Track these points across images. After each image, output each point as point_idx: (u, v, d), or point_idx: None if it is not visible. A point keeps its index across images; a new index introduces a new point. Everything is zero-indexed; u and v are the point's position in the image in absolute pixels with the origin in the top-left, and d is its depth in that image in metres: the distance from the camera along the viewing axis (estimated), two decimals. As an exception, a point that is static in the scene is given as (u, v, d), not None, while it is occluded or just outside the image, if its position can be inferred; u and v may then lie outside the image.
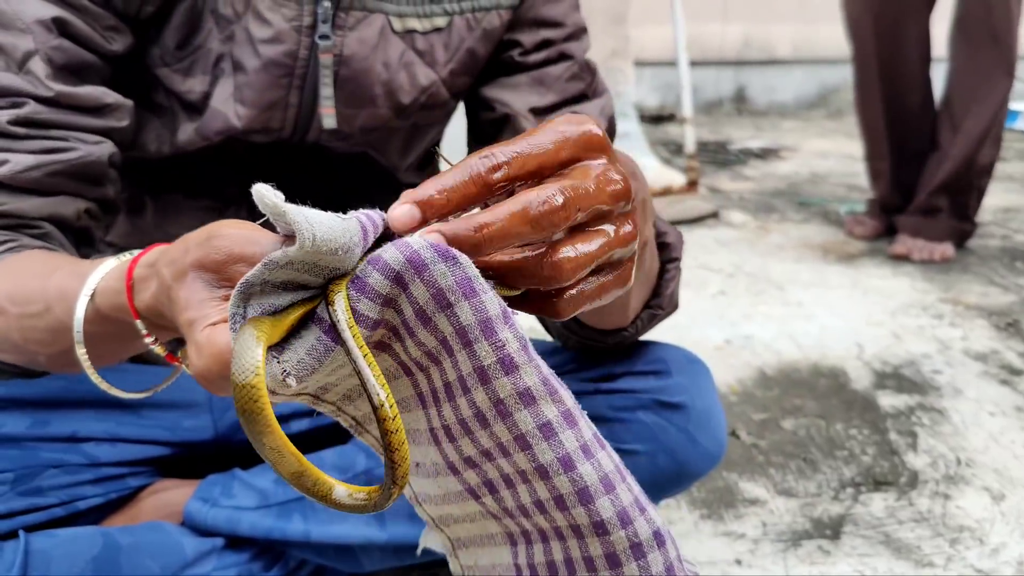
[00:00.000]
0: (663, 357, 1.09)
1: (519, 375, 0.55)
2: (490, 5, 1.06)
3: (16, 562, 0.88)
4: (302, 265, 0.51)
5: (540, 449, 0.56)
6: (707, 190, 3.83)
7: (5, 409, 1.02)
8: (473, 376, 0.55)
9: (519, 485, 0.60)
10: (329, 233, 0.50)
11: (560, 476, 0.57)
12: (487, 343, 0.54)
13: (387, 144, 1.12)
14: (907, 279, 2.71)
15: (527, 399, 0.56)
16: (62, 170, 0.87)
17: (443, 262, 0.52)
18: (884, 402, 1.88)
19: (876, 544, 1.38)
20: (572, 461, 0.57)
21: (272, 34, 0.96)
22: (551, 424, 0.56)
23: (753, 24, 6.16)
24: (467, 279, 0.52)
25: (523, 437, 0.56)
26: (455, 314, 0.53)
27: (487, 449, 0.59)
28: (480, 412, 0.56)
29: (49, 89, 0.86)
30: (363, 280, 0.52)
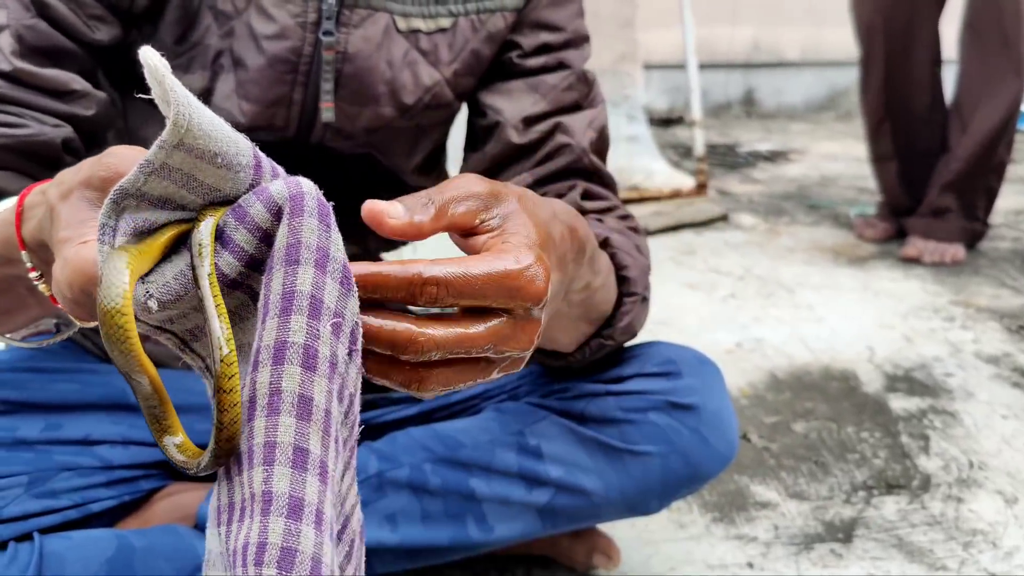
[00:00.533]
0: (674, 358, 1.09)
1: (313, 379, 0.48)
2: (495, 7, 1.06)
3: (31, 563, 0.88)
4: (179, 175, 0.48)
5: (280, 473, 0.47)
6: (716, 193, 3.82)
7: (19, 412, 1.02)
8: (268, 349, 0.48)
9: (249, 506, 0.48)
10: (211, 129, 0.47)
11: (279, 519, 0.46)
12: (304, 320, 0.48)
13: (391, 145, 1.12)
14: (918, 281, 2.71)
15: (303, 410, 0.48)
16: (10, 144, 0.87)
17: (319, 219, 0.49)
18: (895, 405, 1.87)
19: (889, 547, 1.37)
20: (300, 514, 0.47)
21: (276, 30, 0.96)
22: (307, 454, 0.48)
23: (762, 27, 6.16)
24: (326, 249, 0.49)
25: (272, 446, 0.47)
26: (294, 272, 0.48)
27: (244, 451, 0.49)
28: (253, 397, 0.48)
29: (11, 65, 0.86)
30: (244, 209, 0.50)
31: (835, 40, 5.99)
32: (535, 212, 0.63)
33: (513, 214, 0.61)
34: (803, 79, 6.43)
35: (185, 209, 0.50)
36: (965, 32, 2.93)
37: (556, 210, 0.69)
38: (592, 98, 1.11)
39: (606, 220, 1.04)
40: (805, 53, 6.29)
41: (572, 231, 0.70)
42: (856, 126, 5.58)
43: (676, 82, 5.68)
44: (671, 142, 5.08)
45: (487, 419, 1.10)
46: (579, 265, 0.74)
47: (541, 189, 1.07)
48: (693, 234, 3.23)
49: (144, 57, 0.47)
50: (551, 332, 0.92)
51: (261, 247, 0.50)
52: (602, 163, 1.10)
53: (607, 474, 1.05)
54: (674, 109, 5.95)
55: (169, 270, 0.49)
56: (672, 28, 4.04)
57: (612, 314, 0.96)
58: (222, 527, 0.50)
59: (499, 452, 1.06)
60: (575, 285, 0.76)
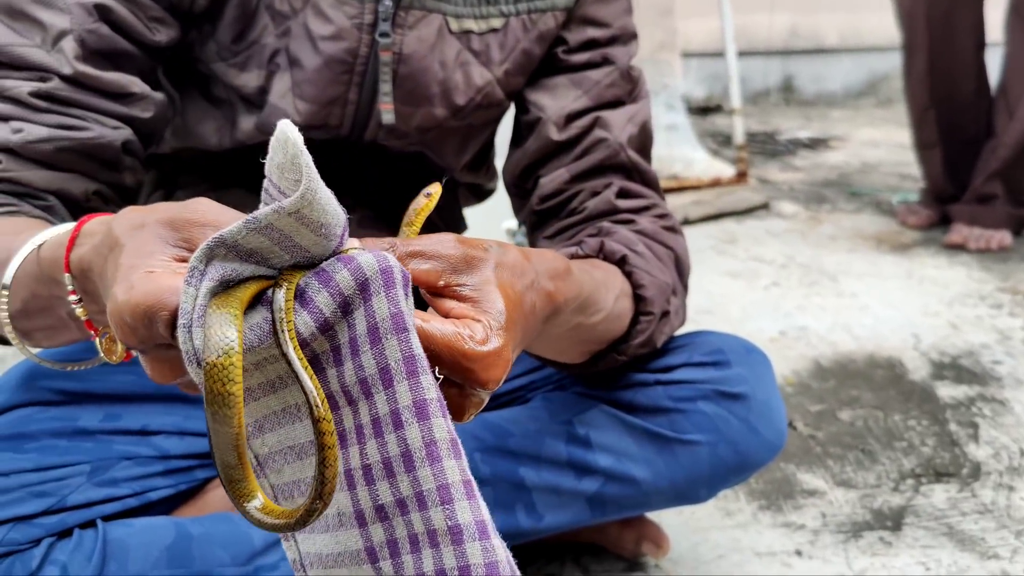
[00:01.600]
0: (722, 347, 1.09)
1: (450, 422, 0.54)
2: (546, 6, 1.06)
3: (96, 550, 0.90)
4: (279, 235, 0.49)
5: (460, 507, 0.54)
6: (756, 181, 3.80)
7: (79, 403, 1.04)
8: (411, 409, 0.53)
9: (424, 549, 0.56)
10: (326, 204, 0.49)
11: (475, 542, 0.54)
12: (432, 377, 0.53)
13: (443, 144, 1.13)
14: (963, 268, 2.67)
15: (456, 449, 0.54)
16: (73, 147, 0.89)
17: (405, 288, 0.53)
18: (943, 393, 1.86)
19: (939, 536, 1.36)
20: (487, 529, 0.54)
21: (333, 31, 0.97)
22: (472, 485, 0.54)
23: (800, 13, 6.09)
24: (412, 313, 0.53)
25: (447, 488, 0.53)
26: (407, 339, 0.52)
27: (403, 499, 0.55)
28: (408, 452, 0.54)
29: (72, 68, 0.88)
30: (329, 275, 0.52)
31: (875, 25, 5.91)
32: (511, 285, 0.63)
33: (486, 287, 0.61)
34: (842, 65, 6.36)
35: (268, 265, 0.51)
36: (1011, 15, 2.88)
37: (538, 272, 0.69)
38: (635, 94, 1.11)
39: (640, 221, 1.04)
40: (844, 39, 6.22)
41: (549, 296, 0.71)
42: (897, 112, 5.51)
43: (714, 70, 5.65)
44: (709, 131, 5.05)
45: (536, 408, 1.10)
46: (556, 322, 0.75)
47: (578, 185, 1.07)
48: (734, 223, 3.21)
49: (281, 128, 0.48)
50: (543, 353, 0.94)
51: (337, 312, 0.52)
52: (642, 159, 1.10)
53: (656, 463, 1.06)
54: (712, 97, 5.91)
55: (245, 324, 0.51)
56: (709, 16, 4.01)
57: (627, 331, 0.97)
58: (384, 562, 0.58)
59: (548, 441, 1.07)
60: (553, 331, 0.77)
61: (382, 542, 0.59)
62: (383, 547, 0.59)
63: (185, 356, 0.49)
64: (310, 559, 0.62)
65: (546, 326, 0.74)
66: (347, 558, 0.60)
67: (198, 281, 0.49)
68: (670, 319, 1.02)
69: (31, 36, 0.88)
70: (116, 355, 0.66)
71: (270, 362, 0.54)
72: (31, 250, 0.69)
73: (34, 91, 0.87)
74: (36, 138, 0.87)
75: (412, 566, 0.58)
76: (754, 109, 5.89)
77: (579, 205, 1.07)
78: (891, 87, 6.19)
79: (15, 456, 0.94)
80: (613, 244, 0.96)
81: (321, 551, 0.61)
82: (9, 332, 0.73)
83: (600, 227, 1.03)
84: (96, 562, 0.89)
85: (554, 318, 0.74)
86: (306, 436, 0.57)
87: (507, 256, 0.65)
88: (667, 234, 1.05)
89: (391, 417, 0.53)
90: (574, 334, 0.86)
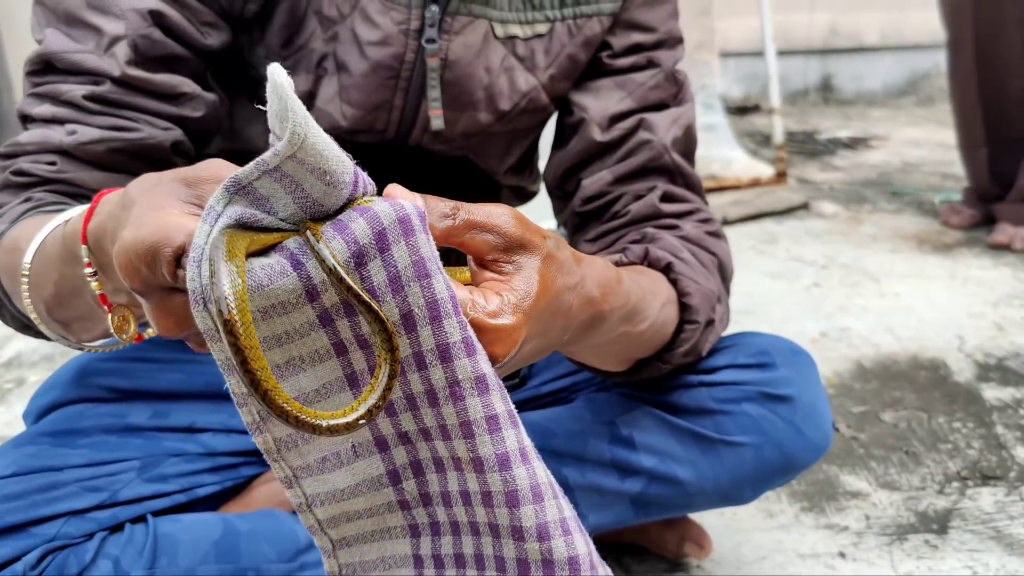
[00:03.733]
0: (767, 349, 1.08)
1: (477, 359, 0.55)
2: (592, 12, 1.06)
3: (147, 545, 0.92)
4: (289, 182, 0.49)
5: (482, 441, 0.56)
6: (796, 181, 3.77)
7: (128, 400, 1.06)
8: (434, 352, 0.54)
9: (450, 471, 0.59)
10: (323, 148, 0.49)
11: (494, 473, 0.56)
12: (455, 319, 0.54)
13: (487, 148, 1.13)
14: (1008, 269, 2.64)
15: (482, 386, 0.55)
16: (124, 148, 0.90)
17: (426, 233, 0.53)
18: (989, 395, 1.83)
19: (986, 539, 1.35)
20: (509, 461, 0.57)
21: (380, 37, 0.98)
22: (498, 418, 0.56)
23: (840, 12, 6.04)
24: (436, 256, 0.53)
25: (469, 424, 0.56)
26: (430, 285, 0.53)
27: (427, 428, 0.58)
28: (432, 390, 0.55)
29: (120, 70, 0.89)
30: (345, 224, 0.51)
31: (917, 23, 5.85)
32: (552, 278, 0.63)
33: (526, 270, 0.61)
34: (883, 64, 6.29)
35: (283, 218, 0.51)
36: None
37: (586, 277, 0.69)
38: (680, 97, 1.10)
39: (683, 225, 1.04)
40: (885, 37, 6.15)
41: (592, 302, 0.70)
42: (939, 111, 5.45)
43: (751, 70, 5.61)
44: (748, 130, 5.02)
45: (579, 408, 1.10)
46: (601, 330, 0.75)
47: (621, 188, 1.07)
48: (774, 223, 3.19)
49: (271, 73, 0.48)
50: (587, 360, 0.94)
51: (350, 262, 0.51)
52: (686, 162, 1.09)
53: (700, 464, 1.05)
54: (750, 97, 5.87)
55: (256, 262, 0.50)
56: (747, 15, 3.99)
57: (672, 339, 0.96)
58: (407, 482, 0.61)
59: (592, 441, 1.07)
60: (597, 339, 0.77)
61: (405, 464, 0.61)
62: (406, 468, 0.61)
63: (192, 295, 0.47)
64: (320, 498, 0.62)
65: (589, 333, 0.74)
66: (365, 486, 0.61)
67: (214, 220, 0.48)
68: (715, 327, 1.02)
69: (86, 42, 0.90)
70: (128, 334, 0.66)
71: (279, 313, 0.52)
72: (56, 226, 0.70)
73: (88, 94, 0.89)
74: (89, 139, 0.89)
75: (437, 483, 0.60)
76: (793, 109, 5.85)
77: (622, 208, 1.06)
78: (932, 86, 6.12)
79: (68, 451, 0.96)
80: (658, 251, 0.96)
81: (335, 487, 0.61)
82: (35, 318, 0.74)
83: (644, 233, 1.02)
84: (148, 557, 0.91)
85: (599, 325, 0.74)
86: (311, 386, 0.57)
87: (560, 252, 0.65)
88: (711, 239, 1.05)
89: (413, 359, 0.55)
90: (619, 342, 0.86)
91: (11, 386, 2.05)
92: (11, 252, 0.77)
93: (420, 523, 0.63)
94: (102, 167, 0.90)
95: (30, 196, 0.86)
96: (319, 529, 0.63)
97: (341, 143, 0.51)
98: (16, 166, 0.89)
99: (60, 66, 0.90)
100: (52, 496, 0.91)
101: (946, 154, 4.17)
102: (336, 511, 0.63)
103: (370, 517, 0.64)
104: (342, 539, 0.65)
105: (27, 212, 0.83)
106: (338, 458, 0.60)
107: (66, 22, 0.90)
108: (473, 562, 0.62)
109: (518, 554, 0.59)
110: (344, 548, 0.65)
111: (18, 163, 0.89)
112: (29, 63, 0.91)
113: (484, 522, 0.59)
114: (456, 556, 0.63)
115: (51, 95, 0.90)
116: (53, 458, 0.95)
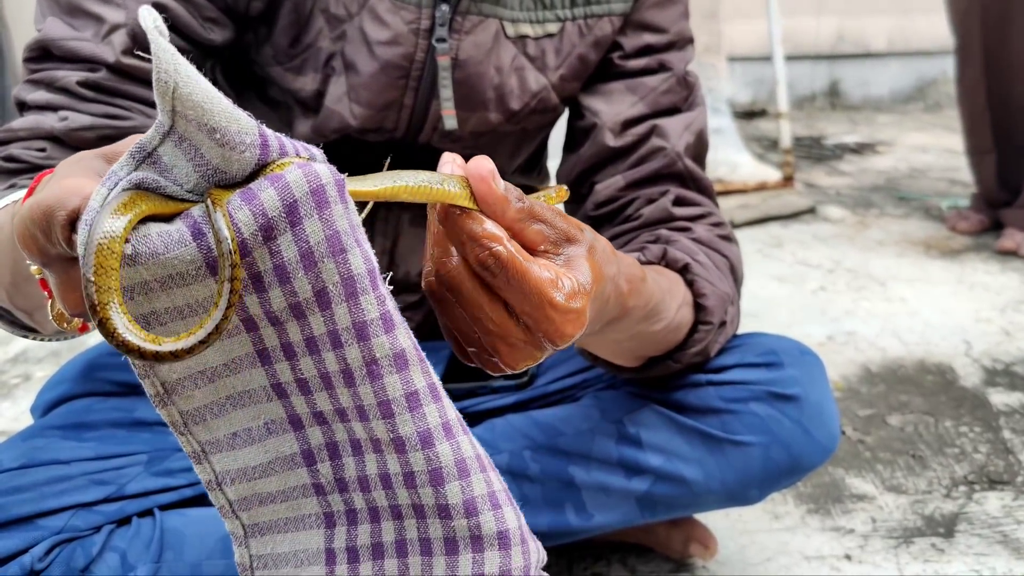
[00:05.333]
0: (775, 348, 1.08)
1: (396, 335, 0.53)
2: (602, 12, 1.06)
3: (154, 538, 0.91)
4: (188, 147, 0.46)
5: (402, 420, 0.54)
6: (803, 185, 3.76)
7: (136, 395, 1.06)
8: (350, 331, 0.52)
9: (368, 454, 0.56)
10: (204, 100, 0.45)
11: (416, 452, 0.54)
12: (372, 295, 0.51)
13: (496, 147, 1.13)
14: (1016, 274, 2.63)
15: (400, 362, 0.53)
16: (114, 135, 0.89)
17: (344, 203, 0.50)
18: (996, 400, 1.83)
19: (993, 544, 1.34)
20: (431, 438, 0.54)
21: (390, 36, 0.98)
22: (418, 394, 0.54)
23: (847, 17, 6.03)
24: (355, 227, 0.51)
25: (388, 403, 0.53)
26: (346, 260, 0.50)
27: (343, 408, 0.55)
28: (348, 369, 0.53)
29: (118, 59, 0.89)
30: (254, 194, 0.47)
31: (924, 28, 5.84)
32: (599, 266, 0.63)
33: (578, 259, 0.62)
34: (890, 70, 6.28)
35: (192, 193, 0.48)
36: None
37: (620, 269, 0.70)
38: (691, 101, 1.10)
39: (696, 228, 1.04)
40: (892, 43, 6.15)
41: (621, 296, 0.71)
42: (946, 117, 5.44)
43: (759, 74, 5.61)
44: (754, 135, 5.01)
45: (586, 407, 1.10)
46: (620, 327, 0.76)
47: (633, 192, 1.07)
48: (780, 227, 3.19)
49: (141, 18, 0.45)
50: (600, 353, 0.94)
51: (257, 236, 0.48)
52: (698, 166, 1.09)
53: (707, 463, 1.05)
54: (756, 102, 5.87)
55: (154, 228, 0.46)
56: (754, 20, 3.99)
57: (684, 340, 0.97)
58: (322, 464, 0.58)
59: (598, 440, 1.07)
60: (614, 335, 0.78)
61: (320, 444, 0.58)
62: (321, 450, 0.58)
63: (81, 258, 0.44)
64: (230, 476, 0.59)
65: (608, 328, 0.74)
66: (279, 464, 0.59)
67: (113, 184, 0.45)
68: (726, 328, 1.02)
69: (85, 30, 0.90)
70: (68, 323, 0.62)
71: (177, 284, 0.48)
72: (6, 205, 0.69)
73: (82, 80, 0.89)
74: (79, 126, 0.88)
75: (353, 468, 0.58)
76: (799, 114, 5.84)
77: (634, 212, 1.06)
78: (939, 92, 6.11)
79: (77, 445, 0.96)
80: (676, 252, 0.96)
81: (246, 464, 0.58)
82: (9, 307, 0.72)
83: (658, 234, 1.02)
84: (154, 550, 0.91)
85: (618, 322, 0.75)
86: (218, 360, 0.54)
87: (599, 242, 0.66)
88: (723, 243, 1.05)
89: (328, 336, 0.52)
90: (634, 339, 0.86)
91: (18, 381, 2.05)
92: None
93: (336, 511, 0.61)
94: None
95: (15, 183, 0.85)
96: (230, 511, 0.60)
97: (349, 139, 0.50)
98: (6, 152, 0.88)
99: (57, 53, 0.90)
100: (60, 489, 0.91)
101: (953, 160, 4.16)
102: (247, 491, 0.60)
103: (283, 502, 0.61)
104: (254, 525, 0.61)
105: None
106: (249, 434, 0.58)
107: (68, 12, 0.91)
108: (393, 550, 0.60)
109: (445, 533, 0.57)
110: (256, 536, 0.62)
111: (9, 149, 0.88)
112: (27, 49, 0.91)
113: (407, 504, 0.57)
114: (374, 546, 0.60)
115: (46, 81, 0.90)
116: (61, 451, 0.95)
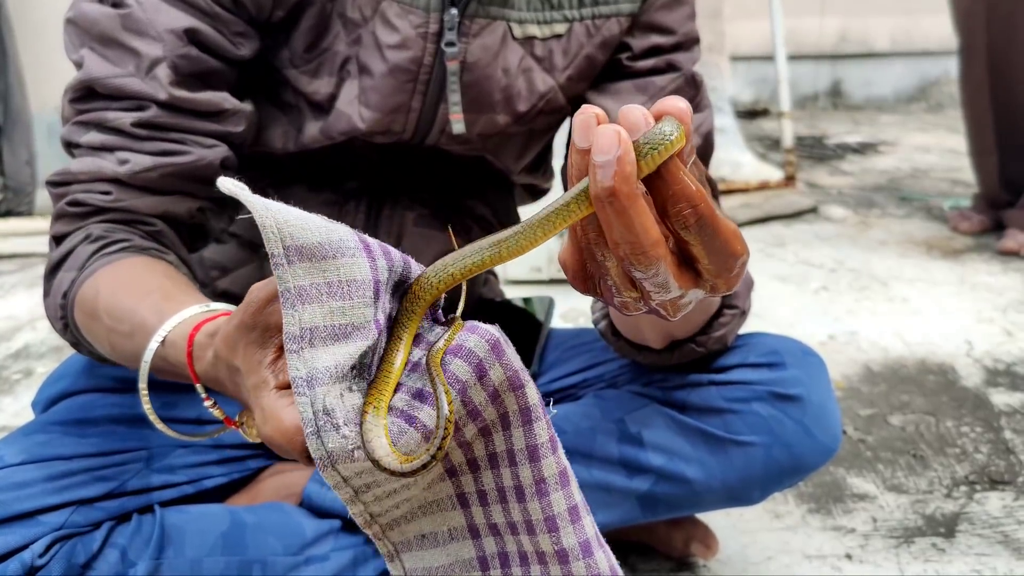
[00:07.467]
0: (778, 349, 1.08)
1: (560, 456, 0.60)
2: (610, 12, 1.05)
3: (154, 534, 0.91)
4: (315, 290, 0.52)
5: (566, 532, 0.60)
6: (805, 185, 3.76)
7: (136, 391, 1.06)
8: (524, 452, 0.59)
9: (533, 565, 0.63)
10: (298, 220, 0.51)
11: (578, 561, 0.61)
12: (544, 422, 0.59)
13: (503, 149, 1.13)
14: (1018, 275, 2.63)
15: (564, 479, 0.60)
16: (176, 172, 0.92)
17: (510, 348, 0.58)
18: (997, 400, 1.82)
19: (994, 544, 1.34)
20: (591, 547, 0.61)
21: (399, 40, 0.98)
22: (578, 508, 0.61)
23: (850, 17, 6.03)
24: (522, 367, 0.59)
25: (553, 519, 0.60)
26: (524, 394, 0.58)
27: (514, 523, 0.62)
28: (520, 486, 0.60)
29: (167, 93, 0.91)
30: (445, 367, 0.56)
31: (927, 29, 5.84)
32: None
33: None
34: (893, 70, 6.28)
35: (358, 329, 0.54)
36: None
37: None
38: (699, 101, 1.10)
39: None
40: (895, 43, 6.14)
41: None
42: (948, 117, 5.43)
43: (761, 74, 5.61)
44: (756, 134, 5.01)
45: (588, 406, 1.10)
46: None
47: None
48: (782, 226, 3.19)
49: (221, 186, 0.50)
50: (639, 323, 0.94)
51: (456, 399, 0.57)
52: (705, 169, 1.09)
53: (709, 463, 1.05)
54: (759, 101, 5.86)
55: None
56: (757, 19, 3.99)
57: (709, 323, 0.97)
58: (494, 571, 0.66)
59: (600, 439, 1.06)
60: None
61: (493, 553, 0.66)
62: (494, 558, 0.66)
63: (319, 463, 0.53)
64: (417, 572, 0.67)
65: None
66: (458, 566, 0.67)
67: (306, 389, 0.52)
68: (745, 317, 1.03)
69: (125, 65, 0.91)
70: (253, 437, 0.73)
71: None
72: (156, 345, 0.75)
73: (136, 121, 0.90)
74: (142, 168, 0.91)
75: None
76: (802, 113, 5.84)
77: None
78: (942, 92, 6.10)
79: (78, 440, 0.96)
80: None
81: (431, 564, 0.67)
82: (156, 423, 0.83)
83: None
84: (154, 546, 0.91)
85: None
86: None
87: None
88: None
89: (507, 455, 0.60)
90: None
91: (19, 376, 2.06)
92: (91, 316, 0.84)
93: None
94: (155, 192, 0.93)
95: (88, 230, 0.90)
96: None
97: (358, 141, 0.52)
98: (71, 196, 0.92)
99: (103, 92, 0.91)
100: (61, 484, 0.91)
101: (956, 160, 4.16)
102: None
103: None
104: None
105: (93, 256, 0.87)
106: (435, 538, 0.66)
107: (102, 43, 0.91)
108: None
109: None
110: None
111: (72, 193, 0.92)
112: (71, 90, 0.93)
113: None
114: None
115: (97, 122, 0.92)
116: (62, 447, 0.95)
